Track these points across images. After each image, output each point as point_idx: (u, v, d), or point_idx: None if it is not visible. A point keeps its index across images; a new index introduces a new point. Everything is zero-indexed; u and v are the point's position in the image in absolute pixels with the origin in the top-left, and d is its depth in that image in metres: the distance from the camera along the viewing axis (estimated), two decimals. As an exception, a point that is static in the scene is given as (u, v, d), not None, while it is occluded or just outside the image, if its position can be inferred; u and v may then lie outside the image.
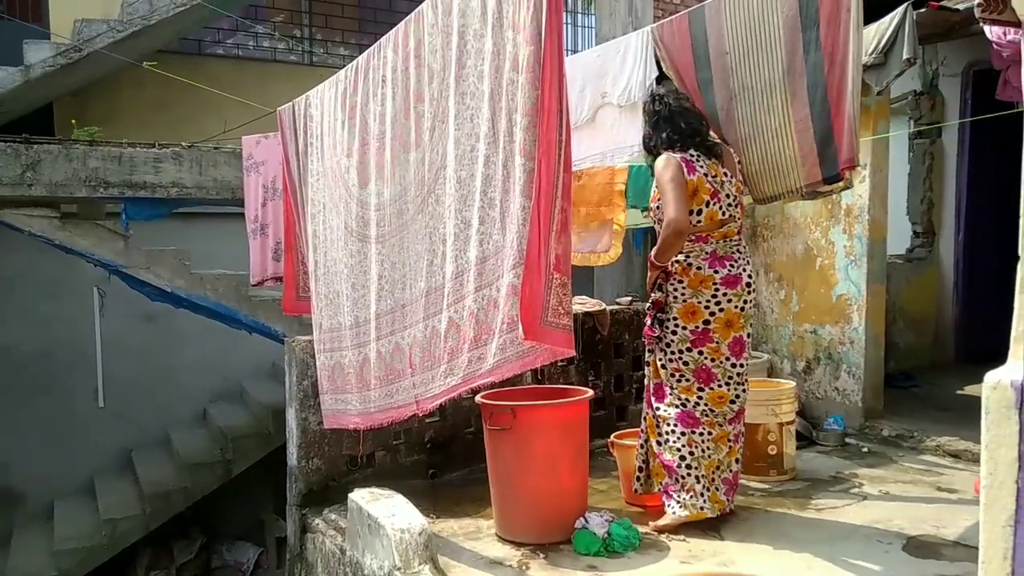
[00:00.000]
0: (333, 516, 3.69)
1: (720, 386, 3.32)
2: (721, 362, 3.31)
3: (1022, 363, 1.45)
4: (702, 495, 3.28)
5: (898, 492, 3.82)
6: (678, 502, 3.30)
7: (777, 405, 4.03)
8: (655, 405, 3.41)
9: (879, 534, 3.25)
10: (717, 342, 3.29)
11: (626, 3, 6.60)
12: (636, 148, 4.13)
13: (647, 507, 3.58)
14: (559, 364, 4.59)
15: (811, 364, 5.21)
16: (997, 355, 1.74)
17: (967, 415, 4.52)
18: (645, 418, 3.49)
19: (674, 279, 3.32)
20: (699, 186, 3.23)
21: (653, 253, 3.30)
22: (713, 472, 3.32)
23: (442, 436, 4.27)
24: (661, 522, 3.32)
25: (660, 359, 3.38)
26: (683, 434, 3.30)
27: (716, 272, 3.28)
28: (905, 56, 3.99)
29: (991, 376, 1.49)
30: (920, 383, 5.83)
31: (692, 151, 3.29)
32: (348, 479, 3.93)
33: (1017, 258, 1.51)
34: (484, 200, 2.76)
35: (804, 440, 4.60)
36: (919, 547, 3.12)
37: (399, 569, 2.85)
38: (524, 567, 3.03)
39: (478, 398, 3.38)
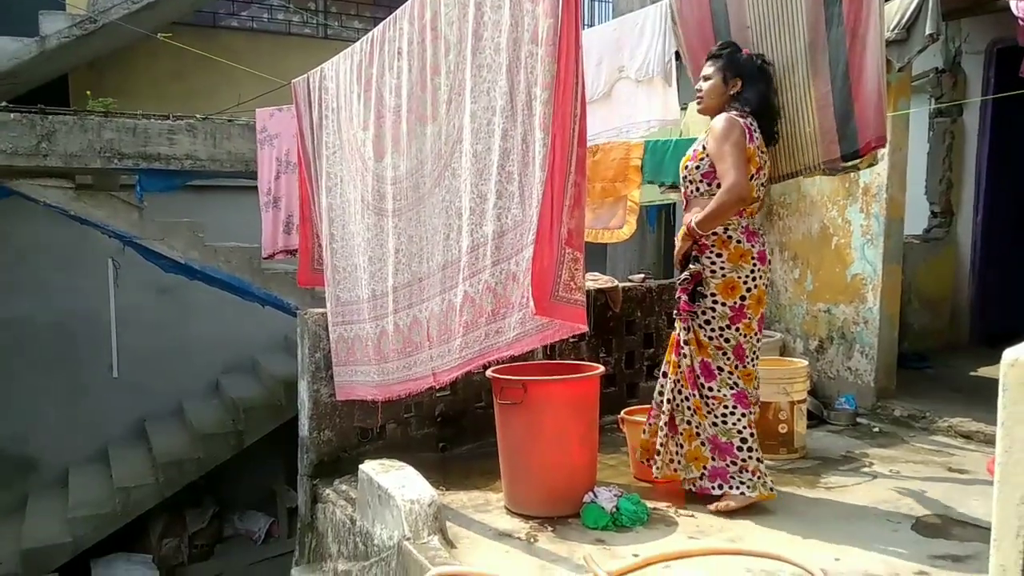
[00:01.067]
0: (344, 487, 3.72)
1: (749, 363, 3.23)
2: (750, 338, 3.22)
3: (1041, 341, 1.42)
4: (765, 474, 3.22)
5: (909, 472, 3.81)
6: (743, 483, 3.18)
7: (789, 384, 4.02)
8: (705, 385, 3.22)
9: (888, 513, 3.25)
10: (749, 318, 3.19)
11: (644, -23, 6.50)
12: (653, 123, 4.10)
13: (655, 483, 3.59)
14: (570, 340, 4.58)
15: (824, 343, 5.19)
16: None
17: (980, 396, 4.50)
18: (685, 399, 3.26)
19: (711, 252, 3.16)
20: (752, 157, 3.12)
21: (697, 220, 3.10)
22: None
23: (453, 410, 4.28)
24: (725, 504, 3.18)
25: (703, 335, 3.21)
26: (743, 415, 3.18)
27: (753, 247, 3.17)
28: (928, 32, 3.92)
29: (1010, 353, 1.47)
30: (934, 364, 5.79)
31: (753, 121, 3.15)
32: (359, 451, 3.96)
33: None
34: (502, 174, 2.74)
35: (815, 419, 4.59)
36: (928, 526, 3.11)
37: (408, 539, 2.87)
38: (532, 539, 3.05)
39: (489, 372, 3.38)
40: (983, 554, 1.66)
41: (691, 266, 3.20)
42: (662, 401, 3.36)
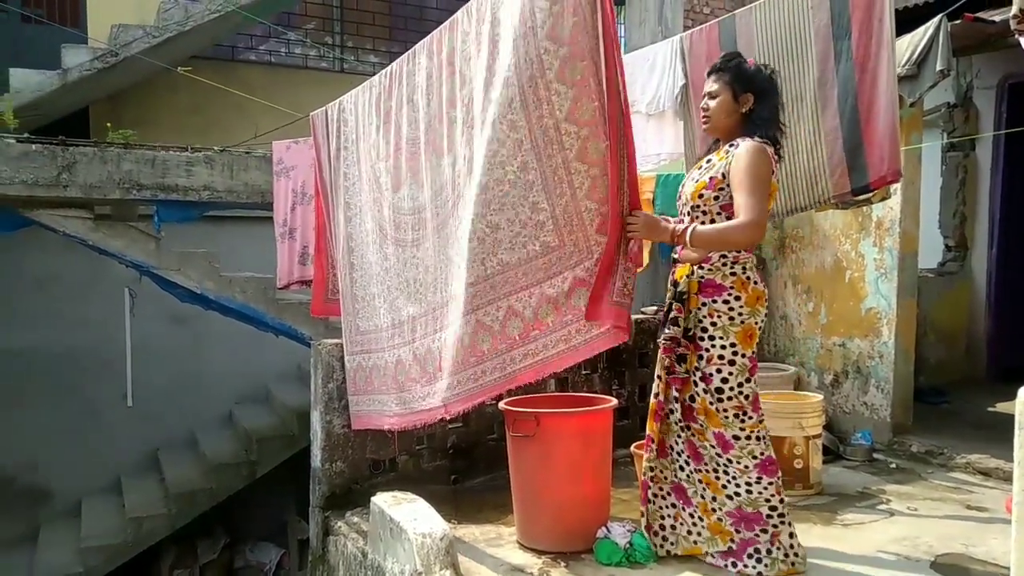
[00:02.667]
0: (355, 519, 3.71)
1: (761, 412, 2.95)
2: (755, 387, 2.95)
3: (1057, 378, 1.42)
4: (798, 548, 2.92)
5: (926, 509, 3.76)
6: (769, 558, 2.87)
7: (803, 418, 3.98)
8: (724, 455, 2.88)
9: (907, 551, 3.20)
10: (758, 367, 2.95)
11: (656, 13, 6.60)
12: (663, 156, 4.13)
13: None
14: (583, 372, 4.58)
15: (839, 378, 5.15)
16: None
17: (998, 432, 4.44)
18: (692, 472, 2.97)
19: (728, 295, 2.84)
20: (773, 192, 2.88)
21: (698, 231, 2.73)
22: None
23: (465, 442, 4.27)
24: None
25: (711, 402, 2.87)
26: (770, 483, 2.88)
27: (765, 288, 2.92)
28: (939, 68, 3.95)
29: (1025, 391, 1.46)
30: (951, 399, 5.73)
31: (774, 150, 2.86)
32: (371, 483, 3.95)
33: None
34: (524, 204, 2.79)
35: (830, 454, 4.54)
36: (947, 566, 3.07)
37: (420, 573, 2.85)
38: (545, 575, 3.02)
39: (502, 405, 3.38)
40: (1003, 595, 1.64)
41: (671, 328, 2.87)
42: (655, 476, 3.04)
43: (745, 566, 2.89)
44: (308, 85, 8.70)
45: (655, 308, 5.48)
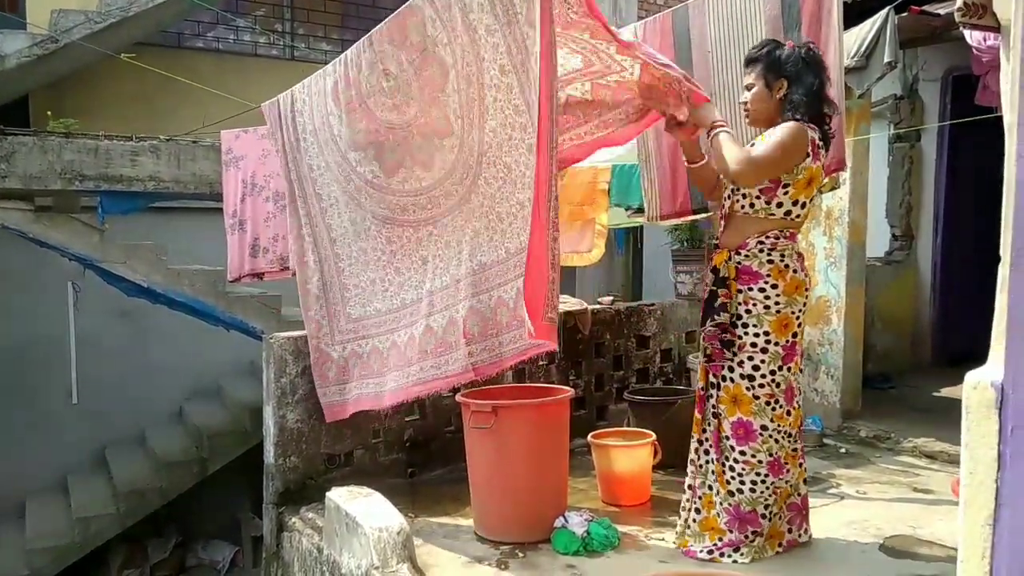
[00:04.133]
0: (310, 515, 3.66)
1: (797, 403, 2.96)
2: (797, 376, 2.95)
3: (1002, 363, 1.45)
4: (770, 536, 2.96)
5: (875, 493, 3.85)
6: (748, 550, 2.90)
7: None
8: (736, 448, 2.89)
9: (856, 534, 3.27)
10: (798, 355, 2.93)
11: (611, 2, 6.61)
12: (618, 147, 4.13)
13: (622, 506, 3.58)
14: (540, 363, 4.58)
15: (790, 365, 5.23)
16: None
17: (944, 417, 4.58)
18: (708, 461, 2.98)
19: (764, 283, 2.83)
20: (815, 177, 2.84)
21: (718, 133, 2.83)
22: (783, 502, 3.00)
23: (422, 434, 4.24)
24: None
25: (747, 388, 2.86)
26: (772, 483, 2.90)
27: (806, 277, 2.91)
28: (886, 60, 4.03)
29: (972, 376, 1.49)
30: (897, 385, 5.88)
31: (819, 135, 2.85)
32: (326, 477, 3.90)
33: (998, 259, 1.52)
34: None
35: (783, 440, 4.61)
36: (895, 547, 3.14)
37: (377, 568, 2.82)
38: (503, 566, 3.02)
39: (458, 396, 3.35)
40: (949, 574, 1.67)
41: (719, 316, 2.85)
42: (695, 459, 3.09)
43: (721, 554, 2.92)
44: (258, 73, 8.52)
45: (611, 298, 5.50)
